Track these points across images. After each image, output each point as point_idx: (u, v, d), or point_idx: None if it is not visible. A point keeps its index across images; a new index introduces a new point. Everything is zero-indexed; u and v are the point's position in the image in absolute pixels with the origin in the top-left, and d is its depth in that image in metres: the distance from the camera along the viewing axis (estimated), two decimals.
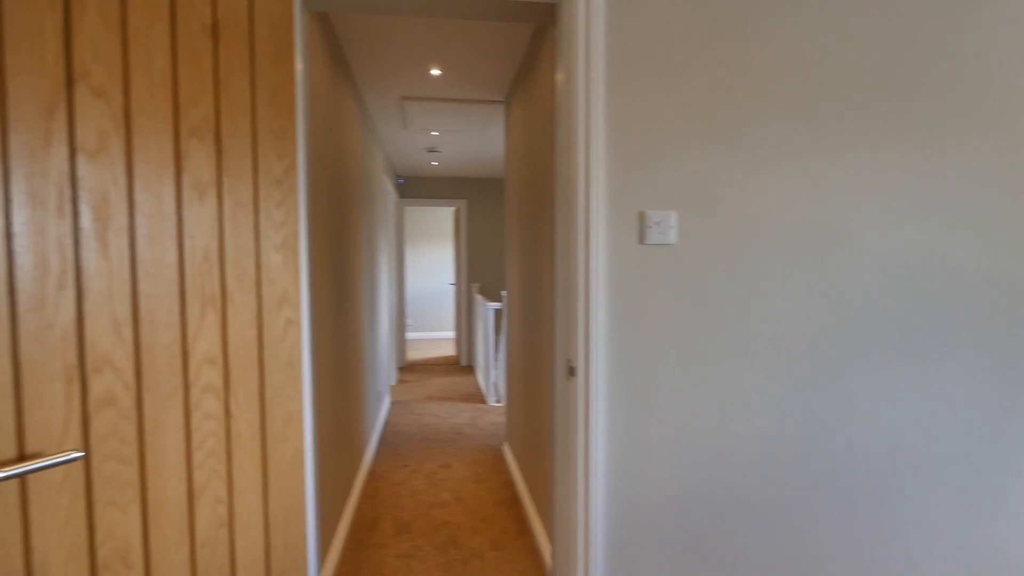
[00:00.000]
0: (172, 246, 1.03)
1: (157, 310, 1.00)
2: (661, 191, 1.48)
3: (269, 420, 1.24)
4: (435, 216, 9.46)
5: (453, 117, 4.13)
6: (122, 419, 0.94)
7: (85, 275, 0.89)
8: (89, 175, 0.90)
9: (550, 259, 2.22)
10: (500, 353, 5.14)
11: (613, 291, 1.47)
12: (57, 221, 0.86)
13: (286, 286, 1.28)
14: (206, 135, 1.10)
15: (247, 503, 1.19)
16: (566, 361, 1.51)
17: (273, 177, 1.24)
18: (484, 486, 3.20)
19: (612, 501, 1.50)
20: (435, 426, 4.40)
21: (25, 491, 0.82)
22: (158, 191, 1.01)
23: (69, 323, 0.87)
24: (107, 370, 0.92)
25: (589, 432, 1.45)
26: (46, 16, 0.85)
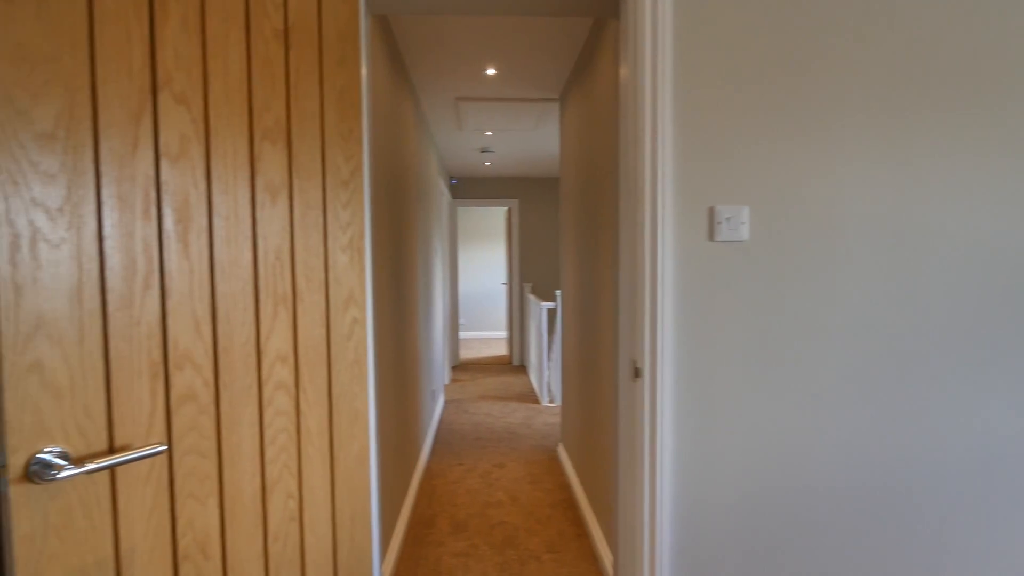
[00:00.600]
0: (247, 247, 1.06)
1: (233, 309, 1.03)
2: (732, 185, 1.42)
3: (336, 418, 1.26)
4: (487, 216, 9.51)
5: (507, 116, 4.13)
6: (201, 414, 0.98)
7: (168, 275, 0.93)
8: (172, 179, 0.93)
9: (610, 257, 2.17)
10: (553, 353, 5.10)
11: (680, 290, 1.42)
12: (143, 223, 0.89)
13: (352, 286, 1.30)
14: (278, 138, 1.12)
15: (316, 499, 1.22)
16: (631, 362, 1.47)
17: (340, 179, 1.26)
18: (539, 487, 3.18)
19: (679, 507, 1.45)
20: (489, 425, 4.41)
21: (115, 482, 0.85)
22: (234, 193, 1.04)
23: (154, 321, 0.90)
24: (188, 367, 0.95)
25: (655, 436, 1.40)
26: (133, 25, 0.88)
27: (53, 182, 0.79)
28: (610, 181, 2.16)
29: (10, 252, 0.74)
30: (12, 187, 0.75)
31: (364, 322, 1.34)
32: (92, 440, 0.83)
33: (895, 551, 1.50)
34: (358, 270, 1.31)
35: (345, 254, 1.27)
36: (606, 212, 2.25)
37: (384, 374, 2.15)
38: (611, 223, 2.13)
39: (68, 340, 0.80)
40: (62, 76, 0.80)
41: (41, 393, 0.77)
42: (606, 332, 2.26)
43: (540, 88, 3.52)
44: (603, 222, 2.31)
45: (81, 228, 0.82)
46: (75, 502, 0.81)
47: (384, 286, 2.19)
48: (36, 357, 0.77)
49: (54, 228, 0.79)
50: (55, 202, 0.79)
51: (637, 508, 1.45)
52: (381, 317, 2.07)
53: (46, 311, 0.78)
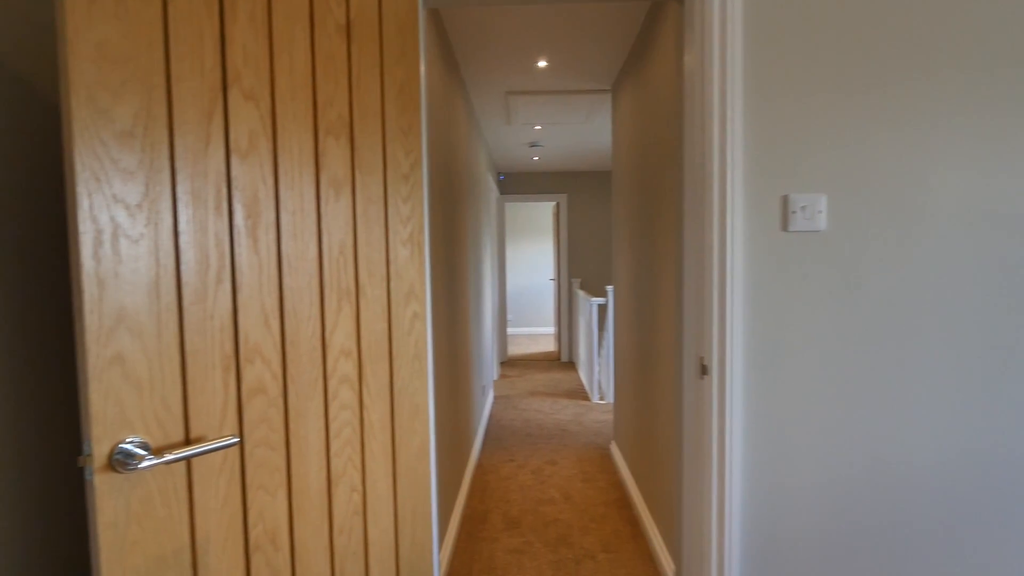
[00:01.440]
0: (312, 241, 1.07)
1: (299, 303, 1.04)
2: (807, 173, 1.33)
3: (398, 412, 1.26)
4: (534, 212, 9.48)
5: (557, 109, 4.08)
6: (270, 407, 0.99)
7: (239, 270, 0.94)
8: (241, 174, 0.95)
9: (670, 250, 2.10)
10: (604, 349, 5.03)
11: (751, 283, 1.35)
12: (215, 218, 0.91)
13: (412, 280, 1.29)
14: (341, 133, 1.12)
15: (378, 493, 1.22)
16: (697, 359, 1.41)
17: (400, 173, 1.26)
18: (592, 485, 3.13)
19: (750, 510, 1.38)
20: (539, 422, 4.39)
21: (191, 472, 0.87)
22: (300, 188, 1.04)
23: (226, 315, 0.92)
24: (258, 360, 0.97)
25: (723, 436, 1.34)
26: (205, 23, 0.89)
27: (132, 179, 0.81)
28: (669, 172, 2.09)
29: (93, 247, 0.76)
30: (95, 184, 0.77)
31: (424, 317, 1.34)
32: (170, 431, 0.85)
33: (996, 558, 1.39)
34: (418, 264, 1.31)
35: (406, 248, 1.27)
36: (665, 204, 2.18)
37: (439, 369, 2.15)
38: (671, 215, 2.06)
39: (147, 333, 0.82)
40: (139, 75, 0.82)
41: (123, 385, 0.79)
42: (665, 328, 2.19)
43: (592, 79, 3.45)
44: (661, 214, 2.24)
45: (158, 224, 0.83)
46: (155, 491, 0.83)
47: (439, 281, 2.20)
48: (118, 350, 0.79)
49: (133, 224, 0.81)
50: (134, 198, 0.81)
51: (704, 512, 1.39)
52: (437, 312, 2.07)
53: (127, 305, 0.80)
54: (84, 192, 0.75)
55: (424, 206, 1.35)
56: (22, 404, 0.96)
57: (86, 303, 0.76)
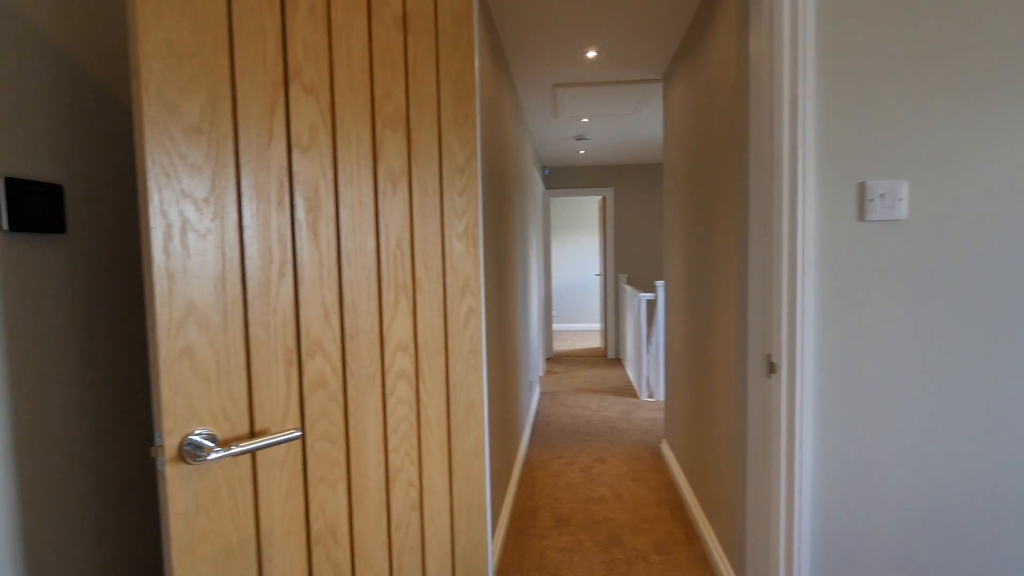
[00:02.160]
0: (370, 235, 1.06)
1: (358, 298, 1.04)
2: (886, 157, 1.24)
3: (453, 408, 1.25)
4: (579, 206, 9.38)
5: (606, 101, 4.01)
6: (331, 401, 0.99)
7: (300, 264, 0.94)
8: (303, 169, 0.95)
9: (728, 243, 2.02)
10: (652, 346, 4.93)
11: (824, 276, 1.27)
12: (278, 213, 0.91)
13: (467, 274, 1.28)
14: (398, 126, 1.11)
15: (435, 489, 1.21)
16: (764, 357, 1.34)
17: (456, 165, 1.24)
18: (643, 484, 3.07)
19: (821, 519, 1.31)
20: (586, 419, 4.34)
21: (255, 465, 0.88)
22: (358, 182, 1.04)
23: (288, 309, 0.92)
24: (319, 354, 0.97)
25: (793, 439, 1.27)
26: (267, 18, 0.90)
27: (199, 174, 0.81)
28: (728, 161, 2.01)
29: (164, 242, 0.77)
30: (164, 179, 0.78)
31: (479, 311, 1.32)
32: (236, 424, 0.85)
33: None
34: (473, 258, 1.29)
35: (461, 242, 1.25)
36: (723, 194, 2.09)
37: (490, 364, 2.14)
38: (730, 206, 1.98)
39: (214, 327, 0.83)
40: (205, 70, 0.82)
41: (191, 377, 0.80)
42: (722, 325, 2.11)
43: (642, 69, 3.37)
44: (719, 205, 2.16)
45: (224, 218, 0.84)
46: (222, 482, 0.84)
47: (489, 277, 2.18)
48: (187, 343, 0.80)
49: (201, 218, 0.81)
50: (201, 193, 0.82)
51: (771, 518, 1.33)
52: (488, 307, 2.06)
53: (195, 298, 0.81)
54: (154, 187, 0.77)
55: (479, 199, 1.33)
56: (98, 397, 0.99)
57: (157, 297, 0.77)
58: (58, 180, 0.93)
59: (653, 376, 4.94)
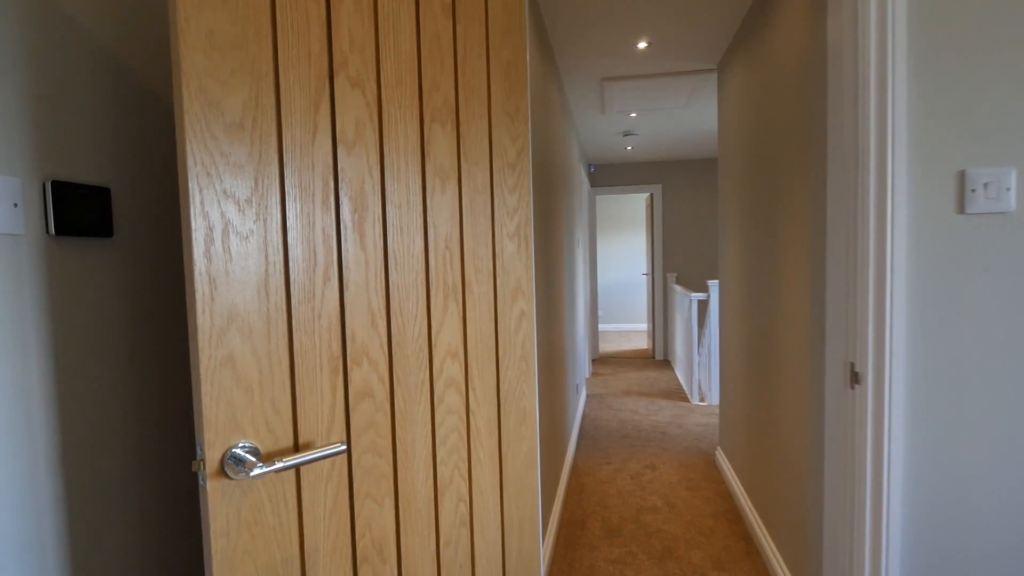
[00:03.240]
0: (418, 236, 1.00)
1: (406, 301, 0.98)
2: (991, 142, 1.10)
3: (504, 417, 1.18)
4: (625, 204, 9.20)
5: (656, 94, 3.86)
6: (377, 412, 0.94)
7: (346, 267, 0.89)
8: (348, 166, 0.90)
9: (797, 240, 1.88)
10: (704, 348, 4.74)
11: (917, 276, 1.14)
12: (322, 213, 0.86)
13: (519, 276, 1.21)
14: (447, 120, 1.05)
15: (485, 503, 1.15)
16: (845, 365, 1.22)
17: (507, 161, 1.17)
18: (697, 494, 2.93)
19: (911, 552, 1.18)
20: (635, 423, 4.21)
21: (299, 480, 0.83)
22: (405, 180, 0.98)
23: (333, 314, 0.87)
24: (365, 362, 0.92)
25: (881, 461, 1.14)
26: (311, 7, 0.85)
27: (241, 172, 0.77)
28: (797, 152, 1.87)
29: (205, 245, 0.73)
30: (206, 179, 0.74)
31: (531, 315, 1.25)
32: (279, 436, 0.81)
33: None
34: (525, 259, 1.22)
35: (512, 242, 1.18)
36: (790, 188, 1.95)
37: (539, 368, 2.07)
38: (799, 201, 1.84)
39: (257, 334, 0.78)
40: (248, 64, 0.78)
41: (234, 388, 0.76)
42: (790, 327, 1.97)
43: (696, 59, 3.22)
44: (786, 200, 2.01)
45: (267, 219, 0.80)
46: (264, 498, 0.79)
47: (539, 277, 2.11)
48: (229, 351, 0.76)
49: (243, 220, 0.77)
50: (244, 193, 0.77)
51: (854, 551, 1.20)
52: (539, 309, 1.98)
53: (237, 304, 0.76)
54: (195, 188, 0.73)
55: (530, 196, 1.26)
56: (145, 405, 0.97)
57: (198, 302, 0.73)
58: (105, 183, 0.91)
59: (704, 379, 4.75)
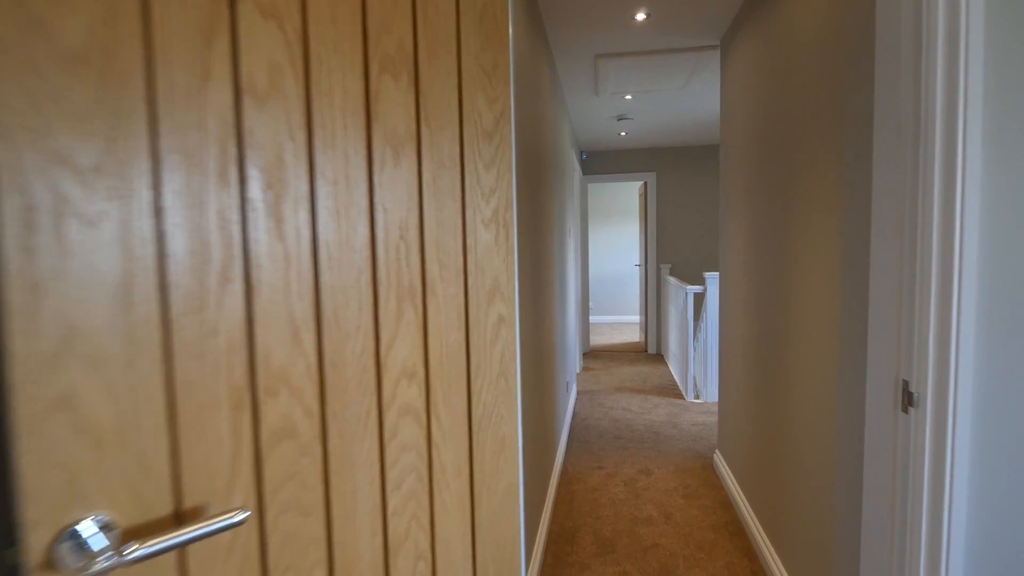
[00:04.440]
0: (362, 222, 0.77)
1: (343, 308, 0.75)
2: None
3: (478, 449, 0.96)
4: (619, 192, 8.97)
5: (653, 73, 3.62)
6: (303, 456, 0.71)
7: (255, 263, 0.66)
8: (259, 126, 0.66)
9: (820, 233, 1.67)
10: (700, 343, 4.55)
11: (992, 280, 0.92)
12: (219, 190, 0.62)
13: (497, 273, 0.97)
14: (401, 71, 0.81)
15: (452, 556, 0.92)
16: (896, 384, 1.01)
17: (482, 128, 0.93)
18: (695, 503, 2.74)
19: None
20: (628, 422, 4.01)
21: (184, 562, 0.60)
22: (343, 148, 0.75)
23: (236, 329, 0.64)
24: (283, 392, 0.68)
25: (941, 498, 0.93)
26: None
27: (85, 127, 0.53)
28: (820, 133, 1.64)
29: (24, 234, 0.50)
30: (25, 135, 0.50)
31: (512, 320, 1.02)
32: (151, 503, 0.58)
33: None
34: (504, 252, 0.99)
35: (489, 230, 0.95)
36: (813, 174, 1.73)
37: (525, 371, 1.85)
38: (824, 188, 1.62)
39: (112, 362, 0.55)
40: None
41: (74, 440, 0.53)
42: (808, 330, 1.76)
43: (697, 34, 2.98)
44: (805, 188, 1.80)
45: (128, 197, 0.56)
46: None
47: (525, 272, 1.88)
48: (65, 387, 0.52)
49: (89, 197, 0.53)
50: (89, 157, 0.54)
51: None
52: (524, 309, 1.75)
53: (78, 320, 0.53)
54: (7, 148, 0.49)
55: (512, 175, 1.02)
56: None
57: (14, 319, 0.49)
58: None
59: (700, 376, 4.56)
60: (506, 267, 0.99)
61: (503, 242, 0.98)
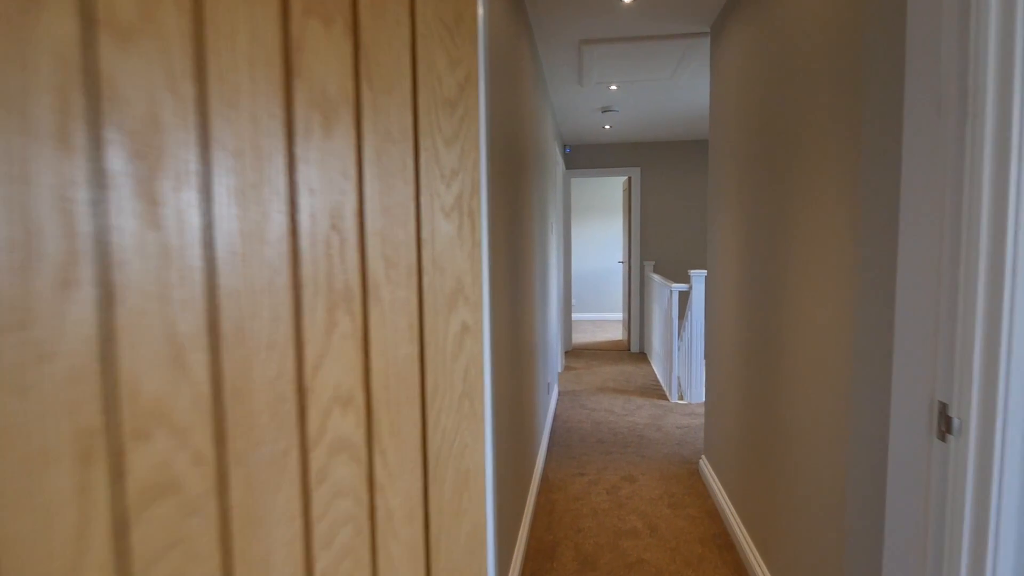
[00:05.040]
0: (277, 207, 0.60)
1: (251, 320, 0.58)
2: None
3: (435, 487, 0.79)
4: (602, 188, 8.84)
5: (640, 62, 3.48)
6: (190, 516, 0.53)
7: (116, 261, 0.48)
8: (123, 73, 0.48)
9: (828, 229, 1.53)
10: (684, 342, 4.43)
11: None
12: (56, 157, 0.45)
13: (460, 272, 0.81)
14: (335, 16, 0.64)
15: None
16: (931, 406, 0.86)
17: (443, 96, 0.76)
18: (681, 512, 2.61)
19: None
20: (611, 425, 3.88)
21: None
22: (250, 110, 0.57)
23: (84, 351, 0.46)
24: (160, 433, 0.51)
25: (986, 538, 0.79)
26: None
27: None
28: (835, 109, 1.50)
29: None
30: None
31: (479, 330, 0.85)
32: None
33: None
34: (470, 247, 0.82)
35: (450, 220, 0.78)
36: (824, 155, 1.59)
37: (501, 382, 1.68)
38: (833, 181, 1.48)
39: None
40: None
41: None
42: (813, 335, 1.63)
43: (686, 20, 2.84)
44: (810, 181, 1.66)
45: None
46: None
47: (501, 269, 1.71)
48: None
49: None
50: None
51: None
52: (498, 312, 1.59)
53: None
54: None
55: (481, 154, 0.85)
56: None
57: None
58: None
59: (685, 376, 4.45)
60: (471, 265, 0.83)
61: (468, 235, 0.81)
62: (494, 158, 1.63)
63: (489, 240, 1.02)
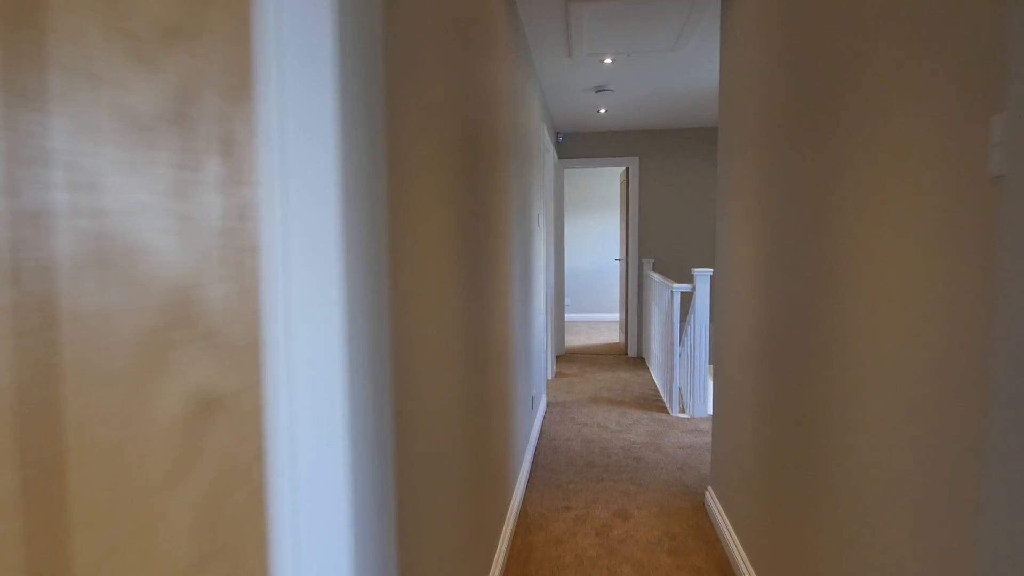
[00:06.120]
0: None
1: None
2: None
3: None
4: (598, 179, 8.36)
5: (637, 28, 3.01)
6: None
7: None
8: None
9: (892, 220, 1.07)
10: (687, 348, 3.98)
11: None
12: None
13: (191, 277, 0.35)
14: None
15: None
16: None
17: None
18: (684, 561, 2.15)
19: None
20: (604, 444, 3.42)
21: None
22: None
23: None
24: None
25: None
26: None
27: None
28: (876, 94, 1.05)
29: None
30: None
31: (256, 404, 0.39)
32: None
33: None
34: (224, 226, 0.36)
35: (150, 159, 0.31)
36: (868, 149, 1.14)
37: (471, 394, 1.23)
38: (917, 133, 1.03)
39: None
40: None
41: None
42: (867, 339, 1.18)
43: None
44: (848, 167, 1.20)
45: None
46: None
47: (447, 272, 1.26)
48: None
49: None
50: None
51: None
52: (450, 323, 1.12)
53: None
54: None
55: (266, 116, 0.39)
56: None
57: None
58: None
59: (687, 386, 4.00)
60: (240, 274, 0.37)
61: (215, 218, 0.35)
62: (444, 148, 1.18)
63: (344, 220, 0.56)
